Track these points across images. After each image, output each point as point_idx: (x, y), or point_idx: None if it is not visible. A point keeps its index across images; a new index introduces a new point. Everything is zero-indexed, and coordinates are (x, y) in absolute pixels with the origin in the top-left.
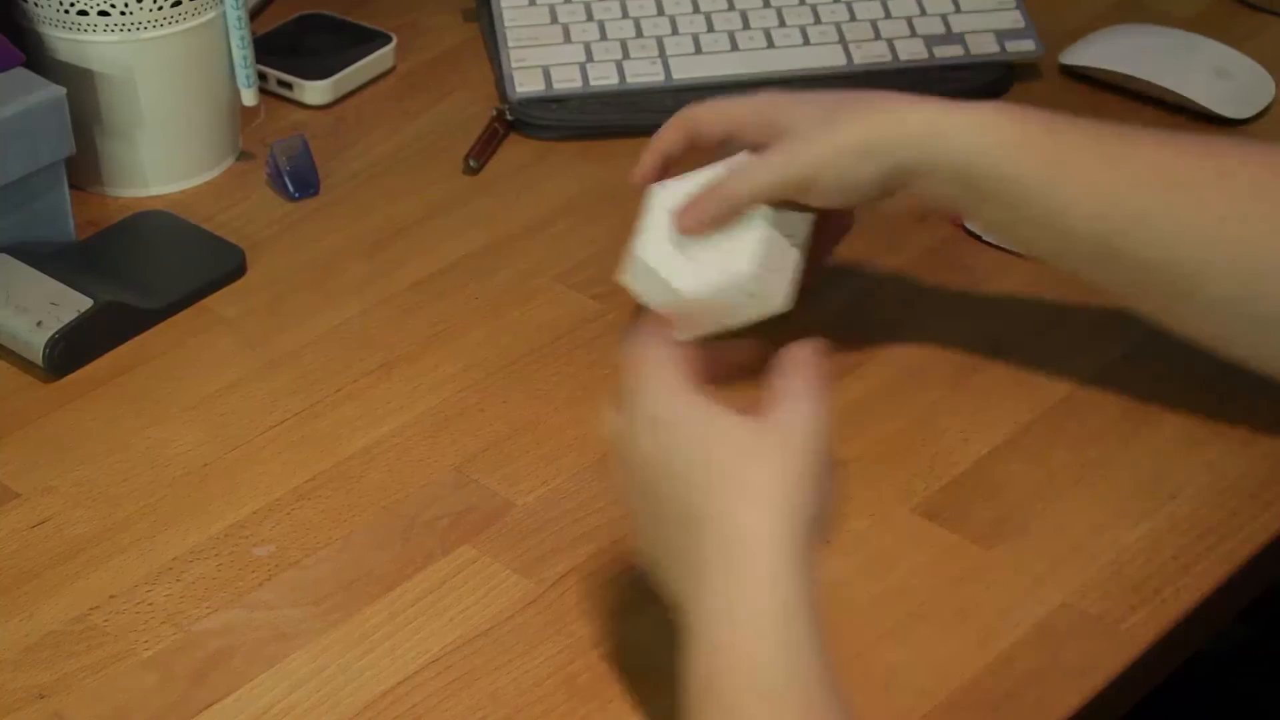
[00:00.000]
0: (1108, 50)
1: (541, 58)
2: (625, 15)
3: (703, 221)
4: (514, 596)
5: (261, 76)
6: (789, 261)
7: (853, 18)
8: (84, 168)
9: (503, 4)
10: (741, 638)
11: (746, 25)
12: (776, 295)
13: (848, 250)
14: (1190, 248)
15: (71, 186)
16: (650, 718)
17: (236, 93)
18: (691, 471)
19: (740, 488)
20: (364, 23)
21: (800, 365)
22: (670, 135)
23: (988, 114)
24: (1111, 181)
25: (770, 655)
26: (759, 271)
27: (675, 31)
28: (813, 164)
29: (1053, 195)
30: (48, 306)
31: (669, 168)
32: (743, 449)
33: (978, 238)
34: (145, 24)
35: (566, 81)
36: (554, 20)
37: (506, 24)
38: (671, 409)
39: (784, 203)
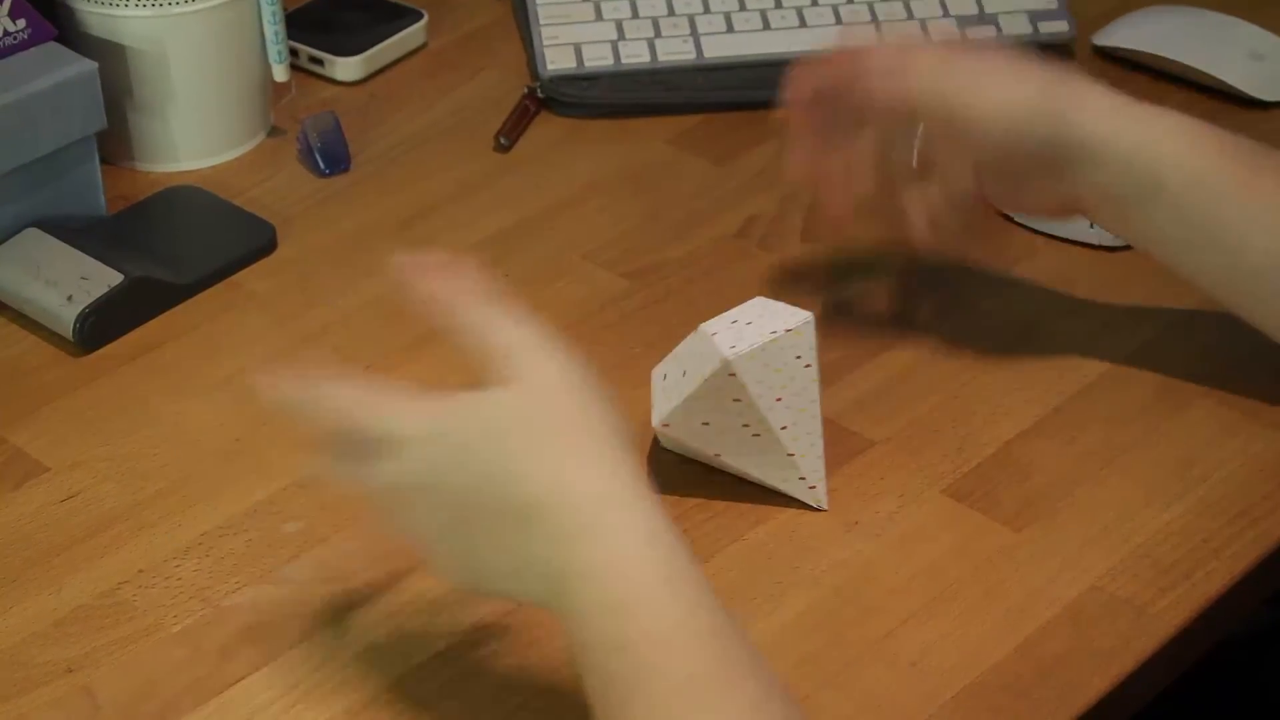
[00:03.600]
0: (1141, 31)
1: (573, 35)
2: None
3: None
4: None
5: (293, 52)
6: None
7: None
8: (115, 142)
9: None
10: (634, 601)
11: (779, 4)
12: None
13: (879, 229)
14: None
15: (103, 161)
16: None
17: (268, 68)
18: (494, 466)
19: (557, 458)
20: None
21: (490, 317)
22: (798, 95)
23: (1166, 113)
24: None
25: (668, 607)
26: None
27: (707, 10)
28: (987, 84)
29: (1235, 205)
30: (78, 281)
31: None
32: (530, 422)
33: (1009, 218)
34: None
35: (598, 59)
36: None
37: (538, 1)
38: (424, 423)
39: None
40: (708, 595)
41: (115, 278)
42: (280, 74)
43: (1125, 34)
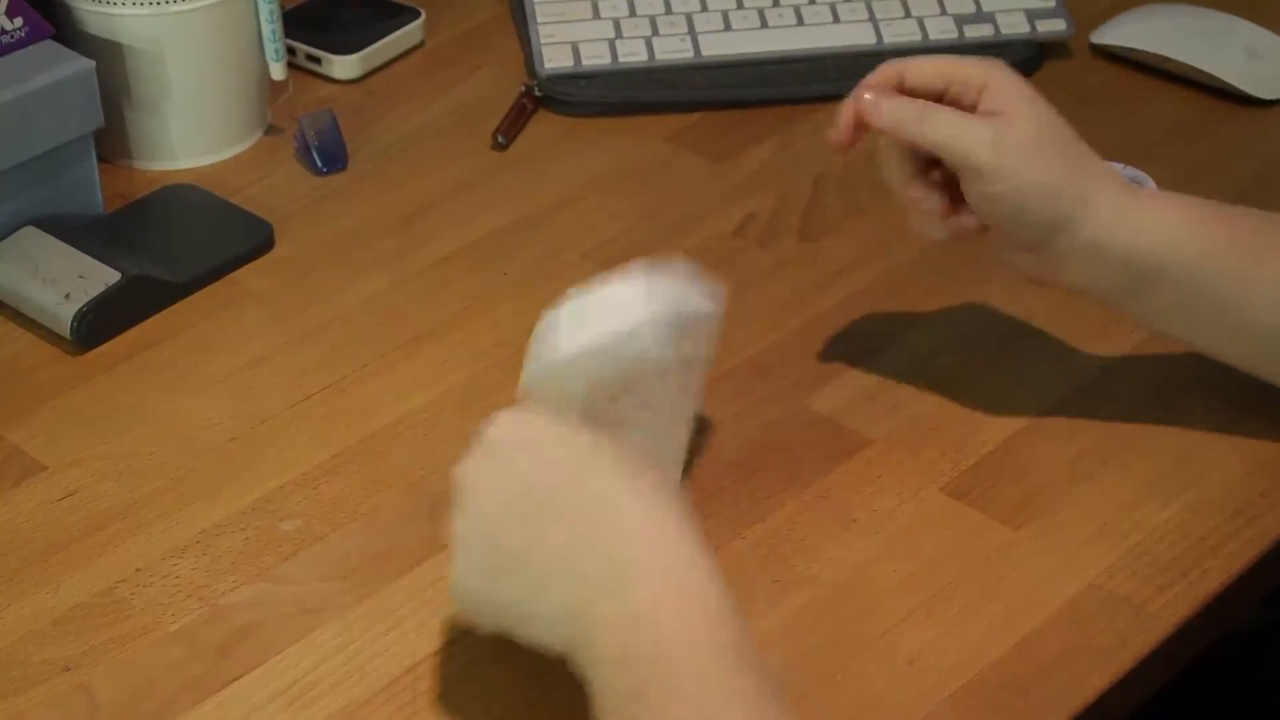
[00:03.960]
0: (1139, 30)
1: (570, 34)
2: None
3: (885, 122)
4: None
5: (290, 51)
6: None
7: None
8: (112, 140)
9: None
10: (666, 617)
11: (776, 3)
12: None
13: (877, 227)
14: None
15: (100, 159)
16: None
17: (265, 67)
18: (591, 465)
19: (648, 476)
20: None
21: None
22: (876, 81)
23: (1165, 201)
24: None
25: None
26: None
27: (705, 8)
28: (1004, 166)
29: (1238, 284)
30: (75, 279)
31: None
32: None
33: None
34: None
35: (595, 58)
36: None
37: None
38: (523, 420)
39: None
40: (749, 658)
41: (112, 276)
42: (277, 72)
43: (1123, 32)
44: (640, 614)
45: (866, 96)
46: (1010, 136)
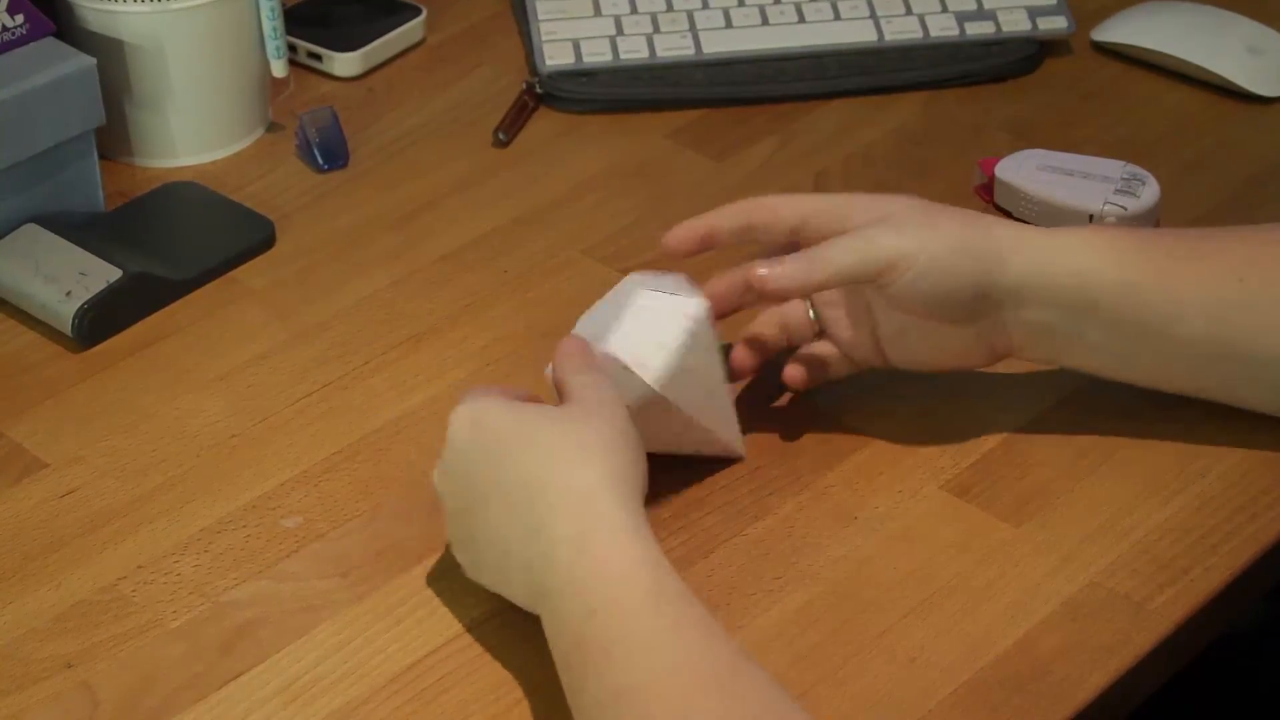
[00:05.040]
0: (1139, 27)
1: (571, 31)
2: None
3: (783, 285)
4: None
5: (291, 48)
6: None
7: None
8: (113, 138)
9: None
10: (613, 594)
11: (777, 0)
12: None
13: None
14: None
15: (101, 157)
16: None
17: (266, 64)
18: (522, 456)
19: (575, 455)
20: None
21: (570, 354)
22: (729, 214)
23: (1083, 232)
24: (1219, 276)
25: (644, 601)
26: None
27: (706, 5)
28: (909, 244)
29: (1167, 300)
30: (77, 276)
31: (709, 243)
32: (562, 426)
33: (1008, 213)
34: None
35: (596, 55)
36: None
37: None
38: (486, 412)
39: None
40: (693, 607)
41: (114, 273)
42: (279, 69)
43: (1124, 29)
44: (563, 582)
45: (760, 272)
46: (903, 224)
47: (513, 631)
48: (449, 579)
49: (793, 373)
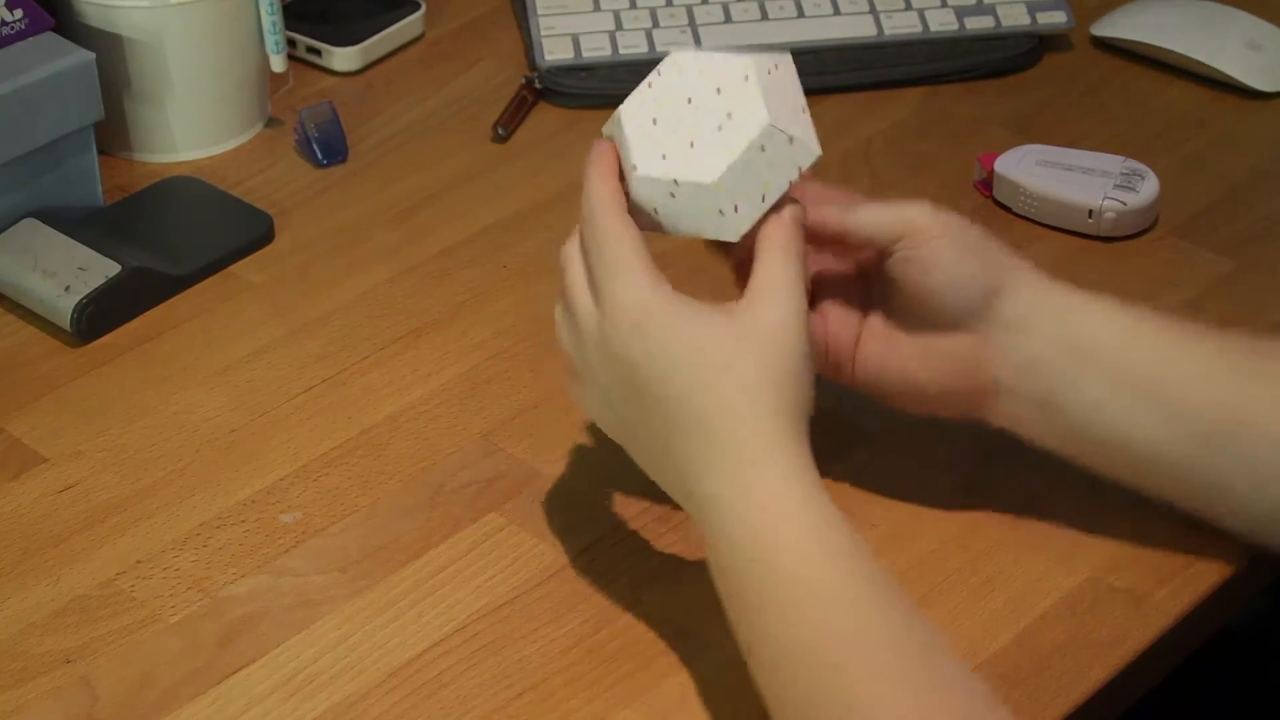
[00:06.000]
0: (1139, 22)
1: (571, 26)
2: None
3: (815, 218)
4: (541, 564)
5: (290, 43)
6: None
7: None
8: (113, 133)
9: None
10: (768, 516)
11: None
12: (741, 223)
13: None
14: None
15: (100, 152)
16: (678, 686)
17: (265, 59)
18: (682, 368)
19: (744, 393)
20: None
21: (780, 255)
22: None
23: (1100, 294)
24: (1233, 342)
25: (803, 522)
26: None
27: (705, 1)
28: (939, 221)
29: (1178, 356)
30: (76, 271)
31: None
32: (733, 346)
33: (1007, 208)
34: None
35: (596, 50)
36: None
37: None
38: (649, 301)
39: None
40: (857, 546)
41: (113, 268)
42: (278, 64)
43: (1124, 24)
44: (726, 521)
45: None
46: (938, 210)
47: (512, 626)
48: (448, 573)
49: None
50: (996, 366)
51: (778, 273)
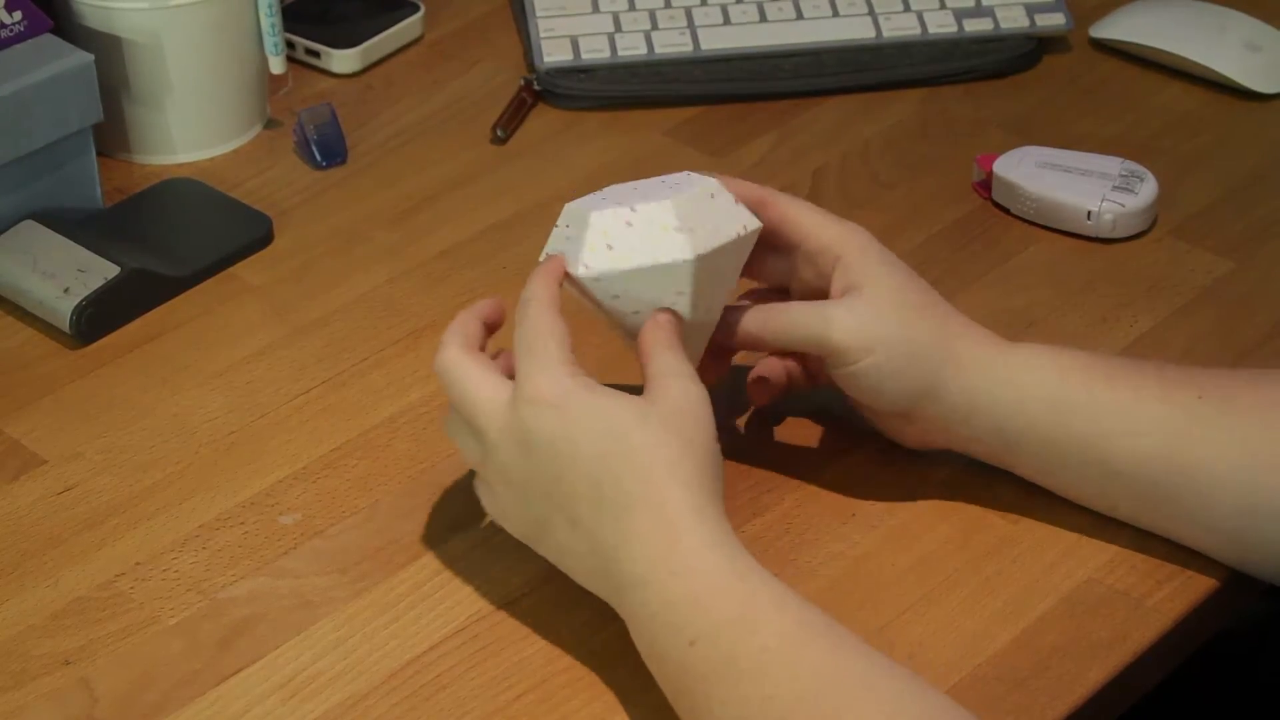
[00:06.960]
0: (1138, 23)
1: (569, 28)
2: None
3: (735, 332)
4: (540, 566)
5: (289, 44)
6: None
7: None
8: (112, 134)
9: None
10: (691, 582)
11: None
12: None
13: (875, 221)
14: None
15: (99, 153)
16: None
17: (264, 60)
18: (608, 454)
19: (668, 469)
20: None
21: (662, 345)
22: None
23: (1035, 352)
24: (1175, 389)
25: (725, 582)
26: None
27: (704, 2)
28: (865, 339)
29: (1108, 414)
30: (75, 273)
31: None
32: (648, 421)
33: (1006, 210)
34: None
35: (594, 52)
36: None
37: None
38: (569, 386)
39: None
40: (801, 607)
41: (112, 270)
42: (277, 66)
43: (1122, 26)
44: (656, 607)
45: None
46: (868, 311)
47: (511, 627)
48: (447, 575)
49: (755, 385)
50: (945, 437)
51: (670, 361)
